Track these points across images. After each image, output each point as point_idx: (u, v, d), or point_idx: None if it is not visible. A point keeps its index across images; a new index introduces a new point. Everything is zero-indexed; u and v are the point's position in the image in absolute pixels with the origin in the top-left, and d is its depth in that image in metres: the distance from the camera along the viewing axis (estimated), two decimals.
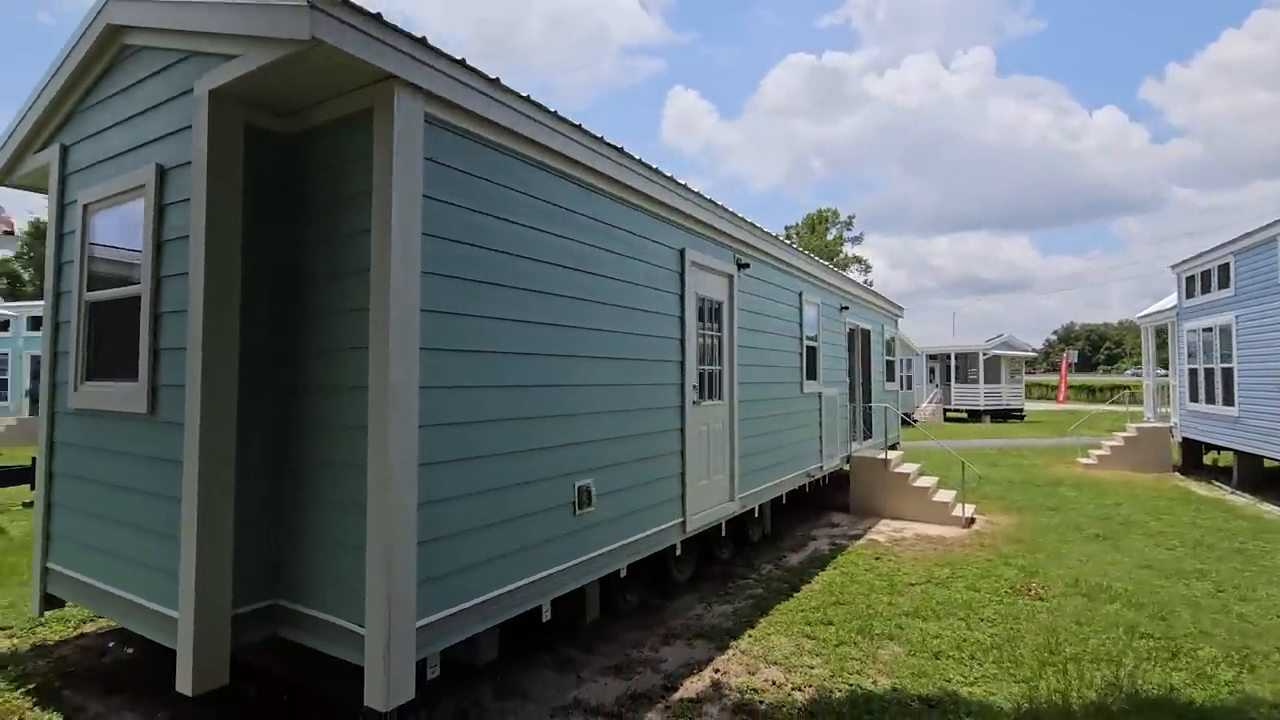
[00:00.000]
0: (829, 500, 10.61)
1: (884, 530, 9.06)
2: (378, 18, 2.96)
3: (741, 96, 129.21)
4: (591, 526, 4.49)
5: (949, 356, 31.02)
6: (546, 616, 4.18)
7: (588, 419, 4.50)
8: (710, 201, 5.92)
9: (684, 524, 5.63)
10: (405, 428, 3.17)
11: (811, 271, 8.74)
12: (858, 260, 52.74)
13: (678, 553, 5.66)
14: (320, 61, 2.99)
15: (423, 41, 3.17)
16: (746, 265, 6.76)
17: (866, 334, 11.69)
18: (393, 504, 3.10)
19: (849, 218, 53.97)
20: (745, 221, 6.62)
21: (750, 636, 5.16)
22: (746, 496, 6.81)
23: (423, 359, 3.28)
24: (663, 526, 5.34)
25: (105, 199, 3.97)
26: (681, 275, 5.67)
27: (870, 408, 11.30)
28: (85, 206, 4.09)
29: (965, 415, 31.04)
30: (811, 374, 8.80)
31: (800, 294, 8.42)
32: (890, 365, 13.35)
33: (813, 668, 4.60)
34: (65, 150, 4.35)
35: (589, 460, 4.49)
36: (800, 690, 4.27)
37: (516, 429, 3.89)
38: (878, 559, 7.54)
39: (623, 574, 4.92)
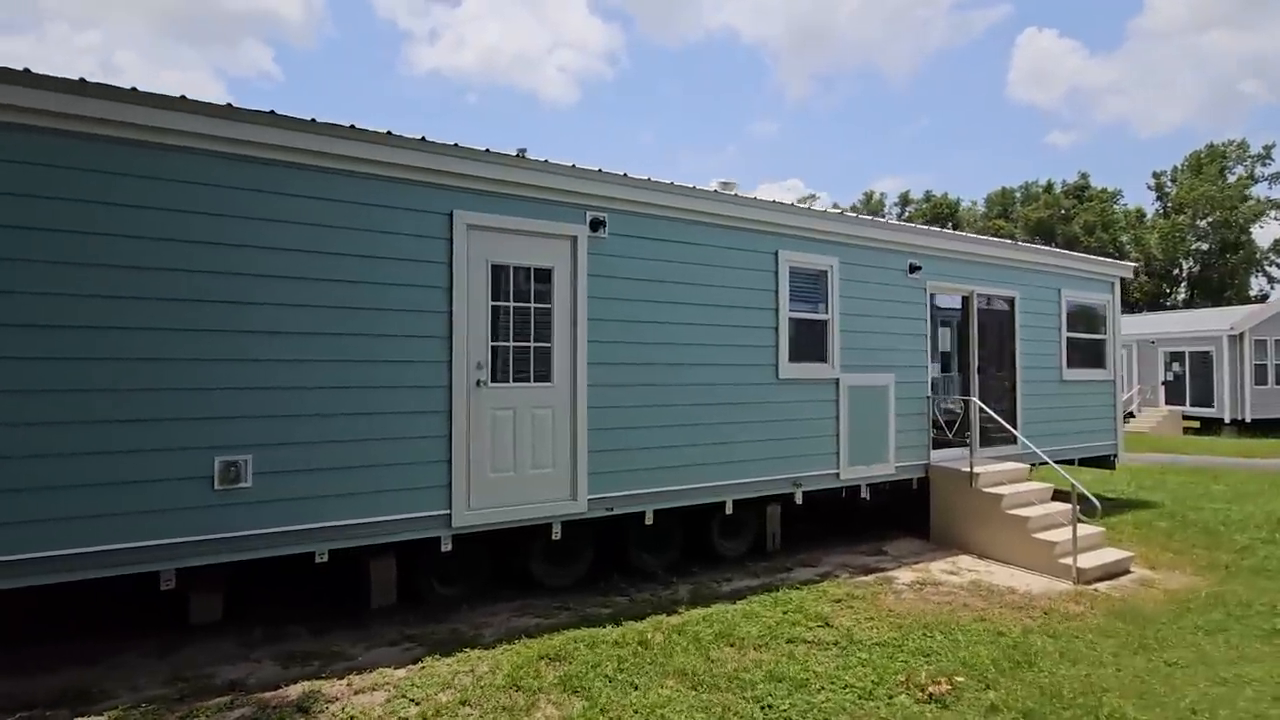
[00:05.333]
0: (911, 520, 8.04)
1: (932, 569, 6.61)
2: None
3: (1119, 21, 76.04)
4: (245, 504, 4.39)
5: None
6: (168, 585, 4.26)
7: (249, 394, 4.41)
8: (490, 153, 5.13)
9: (449, 518, 5.04)
10: None
11: (802, 225, 6.81)
12: (1276, 206, 37.58)
13: (444, 548, 5.09)
14: None
15: None
16: (603, 223, 5.67)
17: (1006, 303, 8.55)
18: None
19: (1265, 147, 38.88)
20: (590, 171, 5.55)
21: (460, 657, 4.42)
22: (615, 499, 5.73)
23: None
24: (401, 516, 4.88)
25: None
26: (450, 241, 5.08)
27: (976, 403, 8.26)
28: None
29: None
30: (812, 355, 6.88)
31: (775, 253, 6.65)
32: (1089, 345, 9.50)
33: (418, 703, 3.77)
34: None
35: (244, 435, 4.40)
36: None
37: (101, 399, 4.05)
38: (837, 602, 5.60)
39: (322, 557, 4.67)
